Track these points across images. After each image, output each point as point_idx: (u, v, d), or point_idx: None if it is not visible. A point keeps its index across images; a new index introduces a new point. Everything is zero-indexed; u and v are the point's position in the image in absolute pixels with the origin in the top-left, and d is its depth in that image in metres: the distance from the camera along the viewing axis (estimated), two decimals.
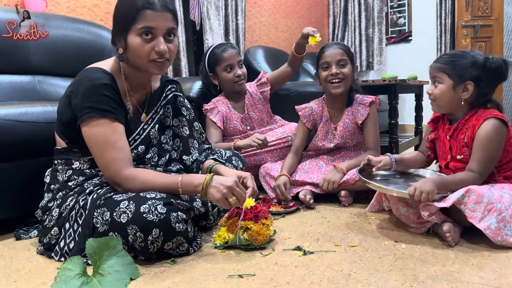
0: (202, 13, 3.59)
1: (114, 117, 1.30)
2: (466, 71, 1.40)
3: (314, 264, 1.19)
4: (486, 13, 4.59)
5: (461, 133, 1.44)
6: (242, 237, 1.30)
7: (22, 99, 2.02)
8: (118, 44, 1.35)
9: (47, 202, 1.37)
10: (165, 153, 1.48)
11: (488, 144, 1.36)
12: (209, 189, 1.26)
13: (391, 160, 1.58)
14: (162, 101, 1.49)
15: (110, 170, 1.29)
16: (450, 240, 1.28)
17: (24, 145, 1.53)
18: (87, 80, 1.30)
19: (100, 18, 2.96)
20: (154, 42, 1.31)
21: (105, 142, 1.28)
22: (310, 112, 2.02)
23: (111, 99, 1.30)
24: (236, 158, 1.63)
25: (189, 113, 1.55)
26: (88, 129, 1.29)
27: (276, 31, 4.55)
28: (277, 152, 2.12)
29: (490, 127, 1.36)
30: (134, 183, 1.28)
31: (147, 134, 1.43)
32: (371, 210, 1.66)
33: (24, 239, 1.52)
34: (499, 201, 1.27)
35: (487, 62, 1.37)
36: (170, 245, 1.22)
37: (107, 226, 1.20)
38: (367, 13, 5.10)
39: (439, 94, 1.45)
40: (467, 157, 1.41)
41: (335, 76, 1.88)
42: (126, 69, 1.40)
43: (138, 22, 1.28)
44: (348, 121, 1.96)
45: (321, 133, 1.99)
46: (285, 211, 1.72)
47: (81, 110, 1.28)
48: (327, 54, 1.90)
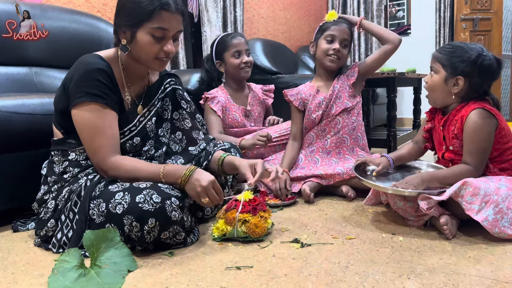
0: (200, 5, 3.56)
1: (105, 103, 1.30)
2: (459, 65, 1.40)
3: (312, 256, 1.19)
4: (485, 7, 4.58)
5: (451, 125, 1.45)
6: (240, 230, 1.31)
7: (19, 91, 2.00)
8: (122, 35, 1.35)
9: (43, 194, 1.37)
10: (162, 146, 1.48)
11: (477, 135, 1.36)
12: (186, 184, 1.27)
13: (389, 162, 1.59)
14: (160, 94, 1.49)
15: (97, 156, 1.30)
16: (447, 233, 1.29)
17: (21, 137, 1.52)
18: (82, 65, 1.31)
19: (97, 9, 2.94)
20: (164, 42, 1.33)
21: (94, 128, 1.28)
22: (297, 92, 2.02)
23: (104, 85, 1.30)
24: (234, 149, 1.63)
25: (189, 106, 1.55)
26: (78, 112, 1.29)
27: (274, 24, 4.53)
28: (280, 148, 2.13)
29: (476, 117, 1.36)
30: (119, 171, 1.29)
31: (143, 127, 1.43)
32: (368, 203, 1.66)
33: (22, 231, 1.52)
34: (496, 193, 1.27)
35: (478, 59, 1.38)
36: (167, 234, 1.22)
37: (103, 218, 1.20)
38: (366, 6, 5.08)
39: (432, 85, 1.48)
40: (457, 149, 1.42)
41: (336, 52, 1.91)
42: (125, 60, 1.40)
43: (152, 21, 1.29)
44: (337, 86, 1.97)
45: (313, 105, 1.97)
46: (283, 204, 1.73)
47: (74, 94, 1.28)
48: (336, 28, 1.92)
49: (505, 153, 1.41)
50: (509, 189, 1.31)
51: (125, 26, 1.32)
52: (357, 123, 1.99)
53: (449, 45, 1.47)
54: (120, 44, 1.37)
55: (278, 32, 4.57)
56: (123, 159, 1.32)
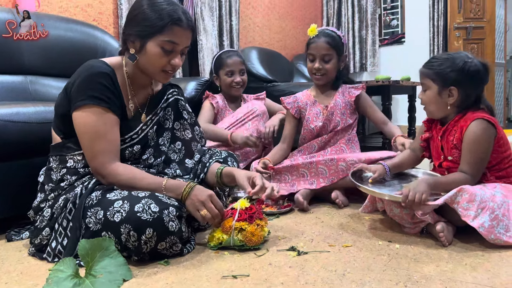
0: (196, 14, 3.58)
1: (107, 107, 1.30)
2: (448, 76, 1.41)
3: (308, 265, 1.19)
4: (478, 15, 4.63)
5: (450, 135, 1.45)
6: (236, 238, 1.30)
7: (14, 99, 1.99)
8: (131, 44, 1.36)
9: (39, 202, 1.36)
10: (161, 155, 1.48)
11: (476, 146, 1.37)
12: (186, 200, 1.29)
13: (385, 169, 1.59)
14: (163, 103, 1.49)
15: (96, 161, 1.29)
16: (444, 240, 1.29)
17: (15, 145, 1.51)
18: (85, 69, 1.31)
19: (93, 18, 2.94)
20: (172, 55, 1.35)
21: (95, 132, 1.28)
22: (294, 100, 2.03)
23: (107, 89, 1.30)
24: (231, 158, 1.63)
25: (191, 117, 1.55)
26: (80, 115, 1.28)
27: (270, 32, 4.56)
28: (250, 125, 2.20)
29: (477, 128, 1.37)
30: (118, 178, 1.29)
31: (144, 135, 1.43)
32: (364, 211, 1.66)
33: (16, 240, 1.50)
34: (491, 200, 1.28)
35: (465, 66, 1.39)
36: (164, 245, 1.21)
37: (100, 225, 1.19)
38: (361, 15, 5.12)
39: (427, 100, 1.48)
40: (457, 159, 1.43)
41: (318, 70, 1.94)
42: (130, 69, 1.40)
43: (165, 35, 1.31)
44: (339, 100, 1.99)
45: (311, 115, 1.99)
46: (279, 212, 1.72)
47: (76, 97, 1.28)
48: (313, 47, 1.94)
49: (503, 162, 1.42)
50: (504, 196, 1.31)
51: (135, 35, 1.33)
52: (352, 134, 2.04)
53: (434, 59, 1.47)
54: (127, 53, 1.38)
55: (273, 40, 4.59)
56: (123, 167, 1.31)
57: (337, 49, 1.93)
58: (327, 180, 1.84)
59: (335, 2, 5.23)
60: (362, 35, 5.14)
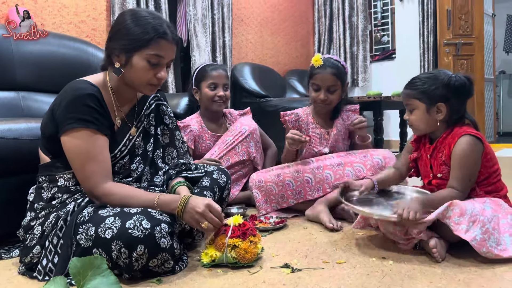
0: (189, 30, 3.61)
1: (96, 128, 1.29)
2: (434, 93, 1.43)
3: (302, 282, 1.18)
4: (467, 32, 4.71)
5: (439, 152, 1.47)
6: (229, 255, 1.29)
7: (6, 116, 1.98)
8: (115, 58, 1.36)
9: (30, 220, 1.34)
10: (149, 162, 1.47)
11: (464, 161, 1.38)
12: (183, 214, 1.27)
13: (373, 183, 1.59)
14: (146, 110, 1.50)
15: (89, 183, 1.28)
16: (437, 255, 1.29)
17: (7, 162, 1.50)
18: (71, 91, 1.30)
19: (87, 34, 2.96)
20: (158, 69, 1.36)
21: (86, 154, 1.27)
22: (296, 118, 2.03)
23: (94, 110, 1.30)
24: (218, 172, 1.61)
25: (172, 122, 1.56)
26: (69, 140, 1.28)
27: (262, 48, 4.60)
28: (240, 148, 2.12)
29: (465, 144, 1.39)
30: (111, 198, 1.28)
31: (132, 145, 1.43)
32: (357, 227, 1.65)
33: (5, 259, 1.48)
34: (481, 214, 1.29)
35: (450, 81, 1.42)
36: (155, 262, 1.20)
37: (91, 242, 1.18)
38: (352, 31, 5.19)
39: (415, 120, 1.50)
40: (446, 175, 1.44)
41: (323, 101, 1.94)
42: (114, 84, 1.40)
43: (150, 48, 1.32)
44: (340, 126, 2.03)
45: (314, 138, 2.01)
46: (272, 228, 1.72)
47: (64, 121, 1.27)
48: (319, 78, 1.92)
49: (491, 176, 1.44)
50: (493, 211, 1.33)
51: (120, 49, 1.33)
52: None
53: (415, 79, 1.50)
54: (110, 67, 1.38)
55: (266, 56, 4.63)
56: (116, 187, 1.31)
57: (342, 80, 1.95)
58: (332, 185, 1.87)
59: (327, 19, 5.31)
60: (353, 51, 5.20)
